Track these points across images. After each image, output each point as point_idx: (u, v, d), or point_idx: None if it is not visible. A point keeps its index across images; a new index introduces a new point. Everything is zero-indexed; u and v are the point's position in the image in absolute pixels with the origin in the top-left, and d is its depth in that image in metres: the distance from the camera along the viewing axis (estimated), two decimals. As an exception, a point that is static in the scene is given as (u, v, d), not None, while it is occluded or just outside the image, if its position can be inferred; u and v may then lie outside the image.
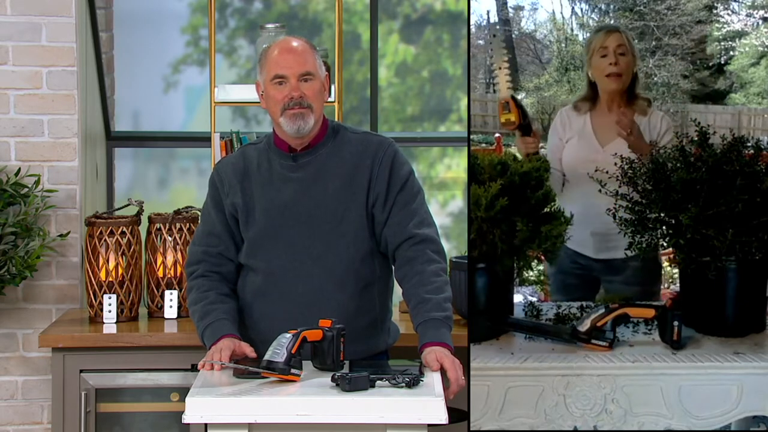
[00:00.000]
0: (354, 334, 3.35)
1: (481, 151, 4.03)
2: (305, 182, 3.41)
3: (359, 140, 3.46)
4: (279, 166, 3.44)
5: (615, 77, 3.87)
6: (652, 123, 3.87)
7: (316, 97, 3.39)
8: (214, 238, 3.50)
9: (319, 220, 3.38)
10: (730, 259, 3.34)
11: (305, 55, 3.39)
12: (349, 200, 3.39)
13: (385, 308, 3.47)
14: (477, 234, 3.38)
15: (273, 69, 3.38)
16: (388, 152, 3.42)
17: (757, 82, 4.04)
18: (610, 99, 3.90)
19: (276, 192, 3.42)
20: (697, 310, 3.44)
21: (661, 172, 3.45)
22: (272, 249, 3.40)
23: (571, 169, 3.91)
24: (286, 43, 3.43)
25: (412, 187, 3.43)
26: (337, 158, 3.42)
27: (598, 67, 3.88)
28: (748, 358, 3.29)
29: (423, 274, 3.32)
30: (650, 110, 3.89)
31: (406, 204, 3.40)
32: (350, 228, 3.38)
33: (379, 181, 3.40)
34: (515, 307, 3.60)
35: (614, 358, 3.32)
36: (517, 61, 4.25)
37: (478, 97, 4.24)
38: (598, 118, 3.92)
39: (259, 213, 3.43)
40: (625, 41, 3.88)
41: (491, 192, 3.34)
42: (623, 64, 3.86)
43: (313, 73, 3.38)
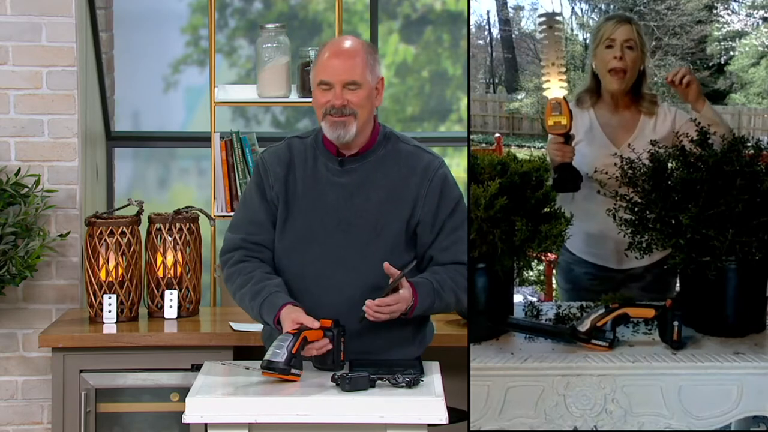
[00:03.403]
0: (386, 345, 3.36)
1: (481, 151, 4.02)
2: (349, 189, 3.37)
3: (410, 153, 3.42)
4: (325, 168, 3.40)
5: (618, 75, 3.71)
6: (659, 120, 3.75)
7: (362, 104, 3.33)
8: (255, 226, 3.44)
9: (359, 229, 3.36)
10: (730, 259, 3.34)
11: (355, 60, 3.32)
12: (391, 213, 3.36)
13: (418, 318, 3.43)
14: (477, 234, 3.37)
15: (320, 73, 3.33)
16: (440, 173, 3.40)
17: (757, 82, 4.04)
18: (614, 95, 3.76)
19: (318, 195, 3.38)
20: (697, 310, 3.43)
21: (661, 172, 3.45)
22: (306, 253, 3.36)
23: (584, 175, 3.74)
24: (338, 45, 3.36)
25: (462, 212, 3.41)
26: (384, 168, 3.39)
27: (603, 60, 3.72)
28: (748, 358, 3.28)
29: (450, 272, 3.36)
30: (657, 109, 3.76)
31: (455, 229, 3.39)
32: (388, 241, 3.36)
33: (427, 201, 3.37)
34: (515, 307, 3.59)
35: (614, 358, 3.31)
36: (517, 61, 4.25)
37: (478, 97, 4.24)
38: (604, 117, 3.79)
39: (298, 213, 3.39)
40: (634, 35, 3.69)
41: (490, 191, 3.34)
42: (629, 59, 3.69)
43: (359, 82, 3.31)
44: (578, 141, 3.72)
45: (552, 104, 3.62)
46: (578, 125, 3.72)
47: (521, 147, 4.27)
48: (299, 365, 3.17)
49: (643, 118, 3.77)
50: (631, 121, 3.78)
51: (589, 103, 3.81)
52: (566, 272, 3.93)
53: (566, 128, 3.62)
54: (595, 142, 3.78)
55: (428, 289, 3.30)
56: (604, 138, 3.78)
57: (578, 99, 3.81)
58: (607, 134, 3.78)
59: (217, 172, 4.57)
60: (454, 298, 3.36)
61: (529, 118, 4.31)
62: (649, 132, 3.73)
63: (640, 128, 3.76)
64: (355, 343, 3.33)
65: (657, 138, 3.60)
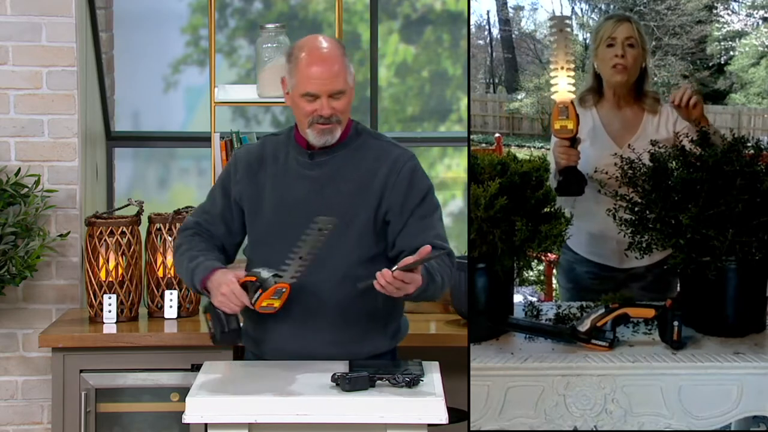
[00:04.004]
0: (357, 335, 3.36)
1: (481, 151, 4.02)
2: (320, 182, 3.39)
3: (380, 147, 3.43)
4: (296, 162, 3.42)
5: (620, 69, 3.71)
6: (662, 119, 3.75)
7: (346, 110, 3.36)
8: (210, 217, 3.51)
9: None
10: (730, 259, 3.34)
11: (337, 66, 3.31)
12: (360, 204, 3.37)
13: (389, 310, 3.45)
14: (477, 234, 3.37)
15: (303, 84, 3.31)
16: (409, 164, 3.40)
17: (757, 82, 4.03)
18: (616, 94, 3.77)
19: (287, 188, 3.41)
20: (697, 310, 3.44)
21: (661, 172, 3.45)
22: (277, 245, 3.37)
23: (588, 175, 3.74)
24: (317, 51, 3.33)
25: (432, 202, 3.41)
26: (354, 161, 3.40)
27: (604, 58, 3.73)
28: (748, 358, 3.29)
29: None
30: (660, 108, 3.76)
31: (424, 217, 3.38)
32: (357, 232, 3.37)
33: (395, 190, 3.37)
34: (515, 307, 3.59)
35: (614, 358, 3.32)
36: (517, 61, 4.25)
37: (478, 97, 4.24)
38: (607, 116, 3.80)
39: (268, 207, 3.42)
40: (635, 33, 3.70)
41: (490, 191, 3.34)
42: (630, 57, 3.70)
43: (343, 90, 3.32)
44: (581, 140, 3.72)
45: (559, 108, 3.63)
46: (581, 125, 3.71)
47: (521, 147, 4.26)
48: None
49: (647, 117, 3.77)
50: (633, 120, 3.78)
51: (591, 103, 3.81)
52: (568, 271, 3.93)
53: (573, 132, 3.62)
54: (597, 142, 3.78)
55: (424, 272, 3.30)
56: (607, 137, 3.79)
57: (581, 99, 3.81)
58: (610, 133, 3.79)
59: (217, 173, 4.57)
60: (441, 280, 3.34)
61: (529, 118, 4.30)
62: (652, 131, 3.73)
63: (643, 127, 3.76)
64: (326, 333, 3.36)
65: (660, 137, 3.60)
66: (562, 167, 3.67)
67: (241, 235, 3.53)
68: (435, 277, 3.29)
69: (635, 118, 3.77)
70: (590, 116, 3.80)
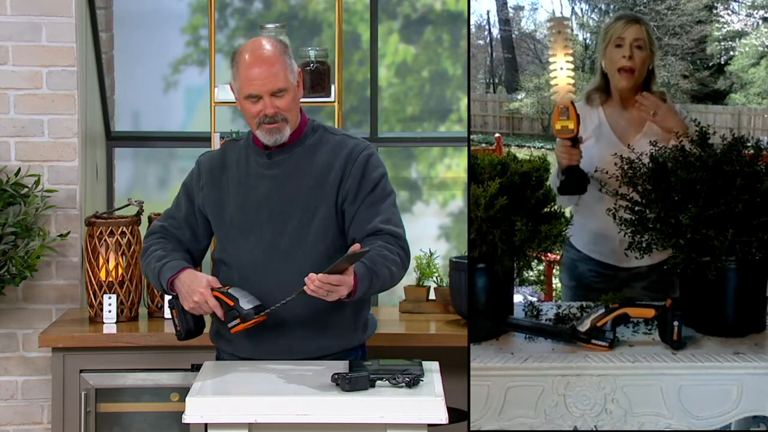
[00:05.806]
0: (325, 329, 3.41)
1: (481, 151, 4.02)
2: (280, 180, 3.45)
3: (336, 141, 3.49)
4: (255, 164, 3.49)
5: (627, 73, 3.72)
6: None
7: (291, 107, 3.42)
8: (174, 221, 3.58)
9: (290, 216, 3.42)
10: (730, 259, 3.34)
11: (276, 66, 3.38)
12: (320, 198, 3.42)
13: (354, 305, 3.45)
14: (477, 234, 3.38)
15: (245, 86, 3.39)
16: (364, 154, 3.46)
17: (757, 82, 4.03)
18: (622, 94, 3.78)
19: (250, 189, 3.47)
20: (697, 310, 3.44)
21: (661, 172, 3.45)
22: (244, 244, 3.45)
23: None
24: (256, 52, 3.40)
25: (384, 188, 3.45)
26: (311, 157, 3.46)
27: (612, 59, 3.74)
28: (748, 358, 3.29)
29: (376, 247, 3.33)
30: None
31: (374, 203, 3.42)
32: (319, 225, 3.41)
33: (350, 179, 3.42)
34: (515, 307, 3.59)
35: (614, 358, 3.32)
36: (517, 61, 4.24)
37: (478, 97, 4.23)
38: (613, 115, 3.80)
39: (233, 208, 3.48)
40: (644, 35, 3.71)
41: (490, 191, 3.34)
42: (638, 59, 3.71)
43: (284, 88, 3.39)
44: (587, 138, 3.73)
45: (560, 109, 3.65)
46: (587, 123, 3.74)
47: (521, 147, 4.26)
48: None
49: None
50: (639, 120, 3.78)
51: (598, 101, 3.82)
52: (570, 269, 3.93)
53: (574, 132, 3.65)
54: (603, 140, 3.79)
55: (363, 270, 3.31)
56: (613, 136, 3.79)
57: (588, 97, 3.83)
58: (616, 132, 3.79)
59: (217, 172, 4.57)
60: (388, 272, 3.34)
61: (529, 118, 4.30)
62: (657, 130, 3.73)
63: (648, 126, 3.76)
64: (297, 330, 3.40)
65: (665, 137, 3.60)
66: (564, 167, 3.68)
67: (206, 240, 3.60)
68: (379, 271, 3.31)
69: (641, 118, 3.78)
70: (597, 115, 3.81)
